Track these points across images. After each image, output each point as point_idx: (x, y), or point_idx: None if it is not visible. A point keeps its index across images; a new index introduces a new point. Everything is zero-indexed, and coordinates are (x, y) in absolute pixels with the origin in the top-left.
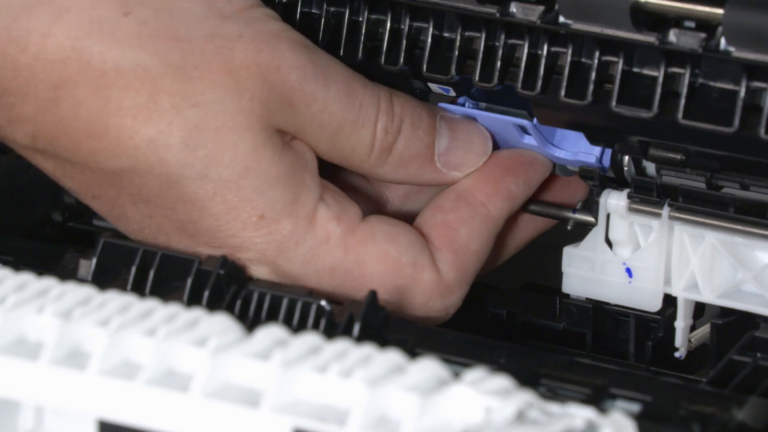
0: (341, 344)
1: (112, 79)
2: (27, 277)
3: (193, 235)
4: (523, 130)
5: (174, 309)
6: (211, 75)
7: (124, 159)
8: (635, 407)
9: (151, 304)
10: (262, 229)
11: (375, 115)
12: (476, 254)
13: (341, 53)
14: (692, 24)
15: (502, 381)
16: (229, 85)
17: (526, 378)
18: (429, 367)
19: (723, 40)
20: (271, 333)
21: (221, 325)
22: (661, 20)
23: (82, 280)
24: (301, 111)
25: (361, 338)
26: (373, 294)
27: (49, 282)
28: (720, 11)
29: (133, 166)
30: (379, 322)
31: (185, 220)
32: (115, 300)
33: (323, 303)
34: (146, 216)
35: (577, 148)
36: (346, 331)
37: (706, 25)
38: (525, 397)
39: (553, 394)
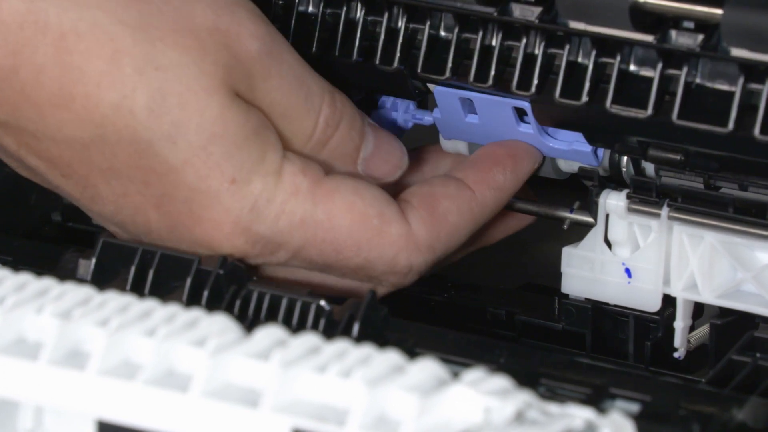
0: (341, 344)
1: (72, 43)
2: (26, 277)
3: (170, 211)
4: (521, 117)
5: (173, 309)
6: (173, 36)
7: (93, 128)
8: (635, 407)
9: (151, 304)
10: (236, 194)
11: (320, 106)
12: (453, 227)
13: (337, 53)
14: (691, 24)
15: (501, 381)
16: (191, 46)
17: (526, 378)
18: (428, 367)
19: (721, 40)
20: (270, 333)
21: (221, 325)
22: (660, 20)
23: (82, 280)
24: (258, 84)
25: (360, 338)
26: (372, 294)
27: (49, 282)
28: (719, 11)
29: (102, 135)
30: (379, 322)
31: (160, 194)
32: (115, 300)
33: (323, 303)
34: (121, 195)
35: (572, 138)
36: (346, 331)
37: (704, 25)
38: (524, 397)
39: (552, 394)
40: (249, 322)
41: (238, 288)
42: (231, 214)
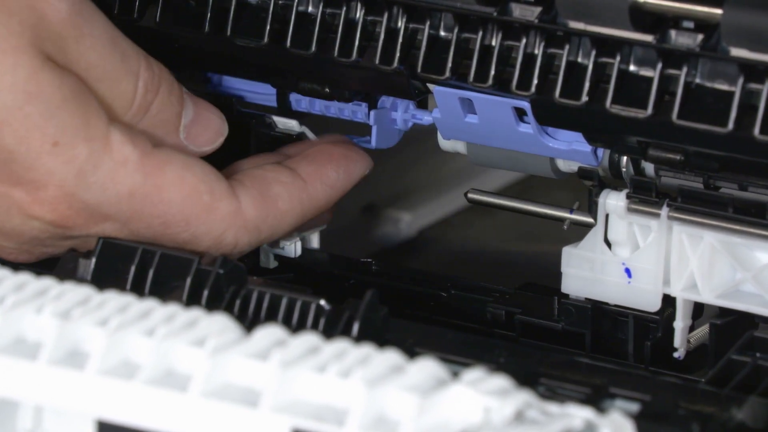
0: (340, 344)
1: None
2: (26, 277)
3: None
4: (520, 117)
5: (173, 309)
6: None
7: None
8: (634, 407)
9: (150, 304)
10: (59, 157)
11: (137, 69)
12: (281, 212)
13: (336, 53)
14: (691, 24)
15: (501, 381)
16: None
17: (526, 377)
18: (428, 367)
19: (721, 40)
20: (270, 333)
21: (220, 325)
22: (660, 20)
23: (82, 280)
24: (70, 45)
25: (360, 338)
26: (372, 293)
27: (48, 282)
28: (719, 11)
29: None
30: (378, 322)
31: None
32: (114, 300)
33: (322, 302)
34: None
35: (572, 138)
36: (346, 331)
37: (704, 25)
38: (524, 396)
39: (552, 394)
40: (249, 321)
41: (238, 288)
42: (54, 176)
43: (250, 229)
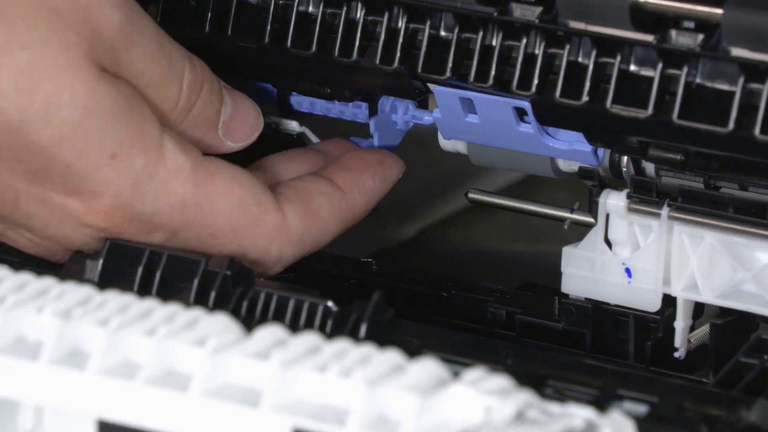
0: (340, 344)
1: None
2: (26, 277)
3: (45, 183)
4: (521, 117)
5: (173, 309)
6: (33, 12)
7: None
8: (642, 408)
9: (151, 303)
10: (116, 168)
11: (182, 72)
12: (324, 223)
13: (337, 53)
14: (691, 24)
15: (501, 381)
16: (51, 22)
17: (533, 379)
18: (428, 366)
19: (721, 40)
20: (270, 333)
21: (220, 324)
22: (660, 20)
23: (89, 281)
24: (122, 55)
25: (368, 339)
26: (379, 295)
27: (49, 282)
28: (719, 11)
29: None
30: (385, 323)
31: (34, 169)
32: (115, 300)
33: (330, 304)
34: None
35: (572, 138)
36: (353, 333)
37: (704, 25)
38: (524, 396)
39: (559, 395)
40: (256, 323)
41: (245, 289)
42: (111, 187)
43: (294, 242)
